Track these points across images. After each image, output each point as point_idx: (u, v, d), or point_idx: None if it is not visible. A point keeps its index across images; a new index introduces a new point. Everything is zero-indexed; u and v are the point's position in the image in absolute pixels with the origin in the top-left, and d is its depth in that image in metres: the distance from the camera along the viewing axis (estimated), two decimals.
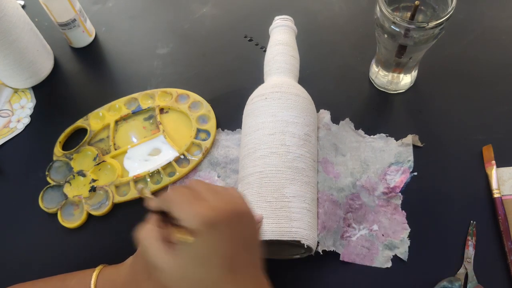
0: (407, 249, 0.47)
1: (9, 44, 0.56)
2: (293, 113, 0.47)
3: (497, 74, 0.59)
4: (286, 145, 0.45)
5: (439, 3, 0.49)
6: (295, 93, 0.49)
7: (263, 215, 0.42)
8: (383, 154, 0.53)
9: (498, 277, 0.46)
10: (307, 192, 0.44)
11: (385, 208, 0.50)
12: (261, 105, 0.49)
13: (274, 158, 0.45)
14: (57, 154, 0.56)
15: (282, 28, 0.54)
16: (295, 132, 0.46)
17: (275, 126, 0.46)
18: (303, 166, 0.45)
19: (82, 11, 0.64)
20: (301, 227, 0.42)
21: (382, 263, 0.47)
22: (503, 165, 0.52)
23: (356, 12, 0.68)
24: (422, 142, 0.54)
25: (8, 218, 0.54)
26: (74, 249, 0.51)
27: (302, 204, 0.43)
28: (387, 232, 0.49)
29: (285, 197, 0.43)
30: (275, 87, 0.49)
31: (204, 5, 0.71)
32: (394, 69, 0.56)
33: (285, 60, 0.52)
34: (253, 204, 0.43)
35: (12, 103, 0.63)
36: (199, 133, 0.57)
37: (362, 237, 0.49)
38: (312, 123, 0.49)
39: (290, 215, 0.42)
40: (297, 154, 0.45)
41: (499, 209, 0.49)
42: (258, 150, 0.46)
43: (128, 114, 0.59)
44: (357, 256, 0.48)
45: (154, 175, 0.54)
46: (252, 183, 0.45)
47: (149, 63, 0.65)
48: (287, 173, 0.44)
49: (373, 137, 0.55)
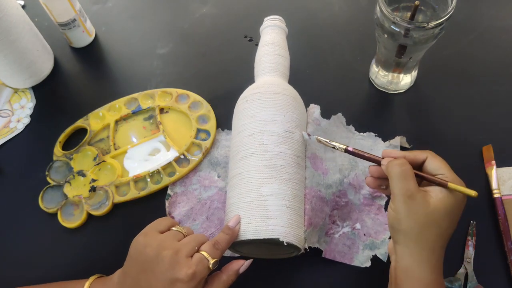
0: (387, 250, 0.47)
1: (9, 44, 0.56)
2: (271, 112, 0.47)
3: (497, 74, 0.59)
4: (264, 144, 0.46)
5: (439, 3, 0.49)
6: (274, 91, 0.49)
7: (241, 216, 0.43)
8: (371, 153, 0.53)
9: (498, 277, 0.46)
10: (288, 189, 0.44)
11: (369, 207, 0.50)
12: (243, 107, 0.50)
13: (253, 158, 0.45)
14: (57, 154, 0.56)
15: (269, 28, 0.55)
16: (274, 130, 0.46)
17: (254, 126, 0.47)
18: (282, 163, 0.45)
19: (82, 11, 0.64)
20: (279, 225, 0.42)
21: (361, 262, 0.47)
22: (503, 165, 0.52)
23: (356, 12, 0.68)
24: (410, 144, 0.54)
25: (8, 218, 0.54)
26: (74, 249, 0.51)
27: (280, 201, 0.43)
28: (369, 231, 0.49)
29: (261, 196, 0.43)
30: (255, 89, 0.50)
31: (204, 5, 0.71)
32: (394, 69, 0.56)
33: (270, 60, 0.52)
34: (234, 206, 0.44)
35: (12, 103, 0.63)
36: (199, 133, 0.57)
37: (345, 235, 0.49)
38: (296, 119, 0.48)
39: (267, 213, 0.42)
40: (275, 152, 0.45)
41: (499, 209, 0.49)
42: (239, 152, 0.47)
43: (128, 114, 0.59)
44: (338, 254, 0.48)
45: (154, 175, 0.54)
46: (234, 185, 0.46)
47: (149, 63, 0.65)
48: (265, 172, 0.44)
49: (363, 135, 0.55)
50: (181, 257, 0.37)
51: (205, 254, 0.38)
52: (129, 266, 0.39)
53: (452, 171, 0.38)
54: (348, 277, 0.47)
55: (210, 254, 0.38)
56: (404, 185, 0.37)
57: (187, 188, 0.53)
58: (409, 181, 0.37)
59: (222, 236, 0.41)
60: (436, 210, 0.36)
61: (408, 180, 0.37)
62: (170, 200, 0.52)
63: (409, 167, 0.38)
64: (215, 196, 0.52)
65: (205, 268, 0.38)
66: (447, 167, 0.38)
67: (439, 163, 0.39)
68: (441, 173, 0.38)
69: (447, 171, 0.38)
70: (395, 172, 0.37)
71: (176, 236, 0.39)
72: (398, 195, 0.37)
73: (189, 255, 0.38)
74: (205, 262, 0.38)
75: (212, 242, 0.40)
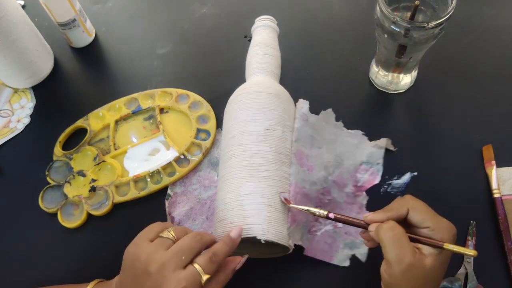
0: (367, 251, 0.47)
1: (9, 44, 0.56)
2: (252, 111, 0.48)
3: (497, 73, 0.59)
4: (243, 145, 0.46)
5: (439, 3, 0.49)
6: (255, 91, 0.49)
7: (222, 217, 0.44)
8: (356, 151, 0.53)
9: (498, 277, 0.46)
10: (266, 187, 0.44)
11: (351, 206, 0.50)
12: (227, 111, 0.51)
13: (234, 159, 0.46)
14: (57, 154, 0.56)
15: (259, 29, 0.56)
16: (253, 129, 0.47)
17: (235, 128, 0.48)
18: (261, 161, 0.45)
19: (82, 11, 0.64)
20: (256, 223, 0.42)
21: (340, 261, 0.47)
22: (503, 165, 0.52)
23: (356, 12, 0.68)
24: (395, 147, 0.54)
25: (8, 218, 0.54)
26: (74, 249, 0.51)
27: (258, 199, 0.43)
28: (350, 230, 0.49)
29: (240, 196, 0.43)
30: (239, 91, 0.51)
31: (204, 5, 0.71)
32: (394, 69, 0.56)
33: (258, 60, 0.53)
34: (218, 209, 0.45)
35: (12, 103, 0.63)
36: (199, 133, 0.57)
37: (326, 233, 0.49)
38: (277, 116, 0.48)
39: (244, 213, 0.42)
40: (254, 151, 0.45)
41: (499, 209, 0.49)
42: (224, 155, 0.48)
43: (128, 114, 0.59)
44: (318, 252, 0.48)
45: (154, 175, 0.54)
46: (219, 188, 0.47)
47: (149, 63, 0.65)
48: (243, 172, 0.45)
49: (350, 132, 0.55)
50: (169, 271, 0.35)
51: (198, 268, 0.36)
52: (124, 277, 0.38)
53: (435, 217, 0.37)
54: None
55: (204, 269, 0.36)
56: (400, 252, 0.35)
57: (187, 188, 0.53)
58: (404, 247, 0.35)
59: (222, 246, 0.38)
60: (433, 269, 0.36)
61: (403, 246, 0.35)
62: (170, 200, 0.52)
63: (401, 230, 0.36)
64: (215, 196, 0.52)
65: (196, 284, 0.35)
66: (430, 216, 0.37)
67: (421, 216, 0.37)
68: (426, 225, 0.37)
69: (431, 222, 0.37)
70: (387, 238, 0.36)
71: (163, 244, 0.37)
72: (394, 263, 0.35)
73: (179, 267, 0.35)
74: (197, 278, 0.35)
75: (209, 254, 0.37)
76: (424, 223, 0.37)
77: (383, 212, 0.39)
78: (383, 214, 0.38)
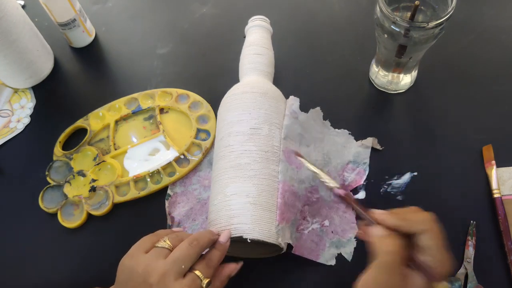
0: (352, 250, 0.48)
1: (9, 44, 0.56)
2: (237, 112, 0.48)
3: (497, 74, 0.59)
4: (230, 145, 0.47)
5: (439, 3, 0.49)
6: (241, 92, 0.50)
7: (210, 219, 0.44)
8: (343, 150, 0.54)
9: (498, 277, 0.46)
10: (252, 186, 0.44)
11: (338, 204, 0.50)
12: (219, 113, 0.52)
13: (221, 161, 0.47)
14: (57, 154, 0.56)
15: (251, 29, 0.57)
16: (239, 130, 0.47)
17: (222, 130, 0.49)
18: (247, 161, 0.45)
19: (82, 11, 0.64)
20: (242, 222, 0.42)
21: (327, 259, 0.47)
22: (503, 165, 0.52)
23: (356, 12, 0.68)
24: (382, 146, 0.54)
25: (8, 218, 0.54)
26: (74, 249, 0.51)
27: (244, 199, 0.43)
28: (336, 229, 0.49)
29: (226, 196, 0.44)
30: (228, 93, 0.52)
31: (204, 5, 0.71)
32: (394, 69, 0.56)
33: (249, 60, 0.54)
34: (209, 211, 0.46)
35: (12, 103, 0.63)
36: (199, 133, 0.57)
37: (313, 232, 0.49)
38: (263, 114, 0.48)
39: (230, 213, 0.43)
40: (240, 151, 0.46)
41: (499, 209, 0.49)
42: (215, 158, 0.49)
43: (128, 114, 0.59)
44: (305, 250, 0.48)
45: (154, 175, 0.54)
46: (211, 191, 0.47)
47: (149, 63, 0.65)
48: (230, 172, 0.45)
49: (337, 131, 0.55)
50: (170, 281, 0.35)
51: (198, 274, 0.36)
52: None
53: (443, 249, 0.34)
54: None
55: (203, 273, 0.37)
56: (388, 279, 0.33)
57: (187, 188, 0.53)
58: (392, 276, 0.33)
59: (215, 252, 0.40)
60: None
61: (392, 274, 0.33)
62: (170, 200, 0.52)
63: (398, 258, 0.33)
64: None
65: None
66: (440, 247, 0.34)
67: (433, 242, 0.34)
68: (432, 255, 0.34)
69: (439, 253, 0.34)
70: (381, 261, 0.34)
71: (160, 254, 0.37)
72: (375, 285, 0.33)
73: (179, 275, 0.36)
74: (198, 283, 0.36)
75: (205, 260, 0.38)
76: (431, 252, 0.34)
77: (396, 218, 0.35)
78: (395, 221, 0.35)
